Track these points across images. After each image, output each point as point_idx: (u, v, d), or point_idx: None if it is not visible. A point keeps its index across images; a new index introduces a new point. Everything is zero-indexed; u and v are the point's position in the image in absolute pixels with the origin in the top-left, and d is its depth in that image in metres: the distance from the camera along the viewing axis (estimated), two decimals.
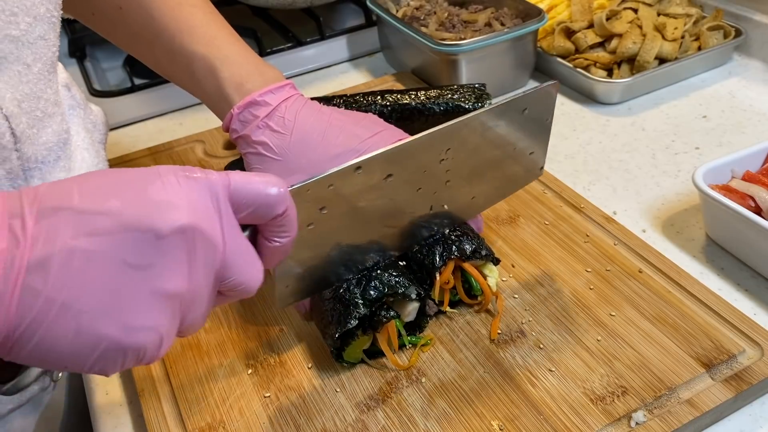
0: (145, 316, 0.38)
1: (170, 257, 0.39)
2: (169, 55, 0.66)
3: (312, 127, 0.62)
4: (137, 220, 0.38)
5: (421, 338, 0.62)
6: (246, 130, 0.62)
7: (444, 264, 0.62)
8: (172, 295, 0.39)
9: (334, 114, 0.64)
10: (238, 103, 0.62)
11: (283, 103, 0.63)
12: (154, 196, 0.39)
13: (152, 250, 0.38)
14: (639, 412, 0.55)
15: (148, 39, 0.66)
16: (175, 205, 0.39)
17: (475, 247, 0.63)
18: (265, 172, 0.62)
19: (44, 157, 0.57)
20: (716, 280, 0.68)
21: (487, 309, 0.64)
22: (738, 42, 0.99)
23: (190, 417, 0.58)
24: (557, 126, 0.92)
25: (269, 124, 0.62)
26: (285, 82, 0.65)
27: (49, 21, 0.55)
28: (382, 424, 0.56)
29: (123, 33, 0.69)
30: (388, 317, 0.59)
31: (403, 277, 0.60)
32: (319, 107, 0.64)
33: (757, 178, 0.69)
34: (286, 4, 1.12)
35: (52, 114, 0.57)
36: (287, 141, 0.62)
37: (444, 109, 0.87)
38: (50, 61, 0.56)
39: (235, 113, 0.63)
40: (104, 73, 1.15)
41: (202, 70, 0.64)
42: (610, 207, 0.78)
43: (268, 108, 0.62)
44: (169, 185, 0.39)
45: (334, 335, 0.58)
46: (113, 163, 0.89)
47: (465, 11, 1.04)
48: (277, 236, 0.45)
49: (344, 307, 0.58)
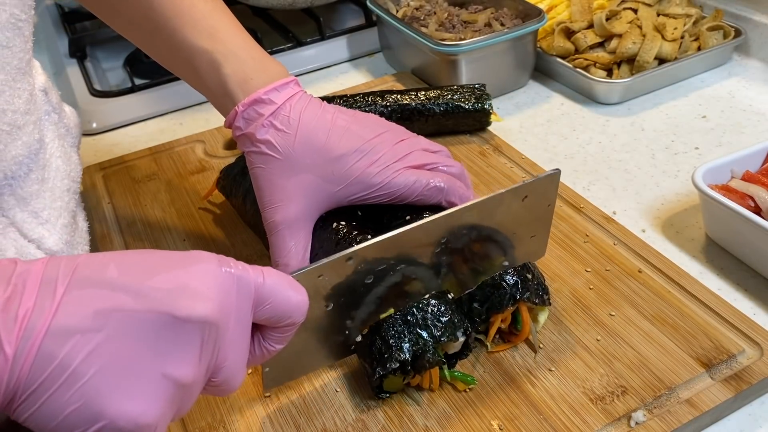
0: (149, 400, 0.38)
1: (186, 346, 0.39)
2: (170, 48, 0.64)
3: (316, 126, 0.62)
4: (163, 304, 0.38)
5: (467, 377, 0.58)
6: (250, 129, 0.61)
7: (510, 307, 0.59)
8: (178, 382, 0.39)
9: (338, 114, 0.64)
10: (242, 100, 0.61)
11: (287, 102, 0.62)
12: (185, 283, 0.39)
13: (171, 336, 0.38)
14: (639, 411, 0.55)
15: (149, 29, 0.64)
16: (203, 296, 0.39)
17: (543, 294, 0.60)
18: (268, 170, 0.62)
19: (14, 172, 0.55)
20: (716, 280, 0.68)
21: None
22: (738, 42, 0.99)
23: (190, 417, 0.58)
24: (557, 126, 0.92)
25: (274, 123, 0.61)
26: (289, 78, 0.63)
27: (14, 27, 0.53)
28: (382, 424, 0.56)
29: (123, 21, 0.67)
30: (433, 363, 0.55)
31: (451, 316, 0.57)
32: (323, 106, 0.64)
33: (757, 178, 0.70)
34: (286, 5, 1.12)
35: (21, 125, 0.54)
36: (291, 140, 0.61)
37: (444, 110, 0.87)
38: (16, 69, 0.53)
39: (239, 111, 0.61)
40: (104, 73, 1.15)
41: (205, 65, 0.62)
42: (610, 207, 0.78)
43: (273, 106, 0.61)
44: (203, 274, 0.40)
45: (373, 376, 0.55)
46: (113, 163, 0.89)
47: (465, 11, 1.04)
48: (275, 342, 0.46)
49: (386, 346, 0.55)
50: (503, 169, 0.82)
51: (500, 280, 0.59)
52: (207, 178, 0.85)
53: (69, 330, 0.36)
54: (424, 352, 0.55)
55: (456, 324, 0.57)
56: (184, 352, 0.39)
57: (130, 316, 0.37)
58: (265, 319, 0.44)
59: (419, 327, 0.56)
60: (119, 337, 0.37)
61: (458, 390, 0.58)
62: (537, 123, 0.94)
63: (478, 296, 0.59)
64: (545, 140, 0.90)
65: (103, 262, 0.39)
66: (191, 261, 0.40)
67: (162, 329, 0.38)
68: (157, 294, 0.38)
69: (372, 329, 0.56)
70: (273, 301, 0.43)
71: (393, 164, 0.62)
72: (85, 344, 0.36)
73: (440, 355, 0.56)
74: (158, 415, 0.38)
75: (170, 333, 0.38)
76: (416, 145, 0.65)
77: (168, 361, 0.38)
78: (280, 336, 0.46)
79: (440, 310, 0.57)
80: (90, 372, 0.36)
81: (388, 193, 0.62)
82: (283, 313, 0.44)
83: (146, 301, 0.38)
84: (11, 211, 0.56)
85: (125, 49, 1.15)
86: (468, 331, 0.58)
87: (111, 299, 0.37)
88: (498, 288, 0.59)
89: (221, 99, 0.63)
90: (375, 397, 0.57)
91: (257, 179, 0.63)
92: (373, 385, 0.56)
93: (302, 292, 0.45)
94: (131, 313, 0.37)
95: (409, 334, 0.55)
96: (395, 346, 0.55)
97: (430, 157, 0.64)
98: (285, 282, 0.44)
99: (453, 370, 0.58)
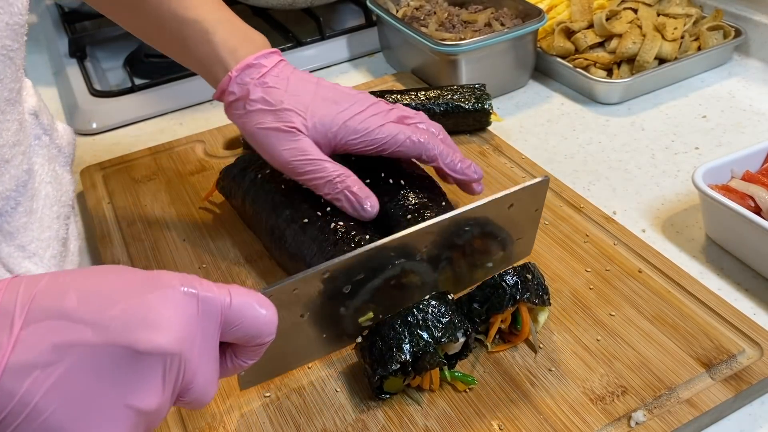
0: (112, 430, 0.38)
1: (148, 377, 0.38)
2: (156, 21, 0.65)
3: (304, 84, 0.66)
4: (122, 336, 0.37)
5: (467, 377, 0.58)
6: (244, 92, 0.64)
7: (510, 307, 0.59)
8: (142, 412, 0.39)
9: (321, 79, 0.69)
10: (234, 66, 0.64)
11: (274, 68, 0.66)
12: (145, 313, 0.38)
13: (131, 368, 0.38)
14: (639, 411, 0.55)
15: (135, 5, 0.65)
16: (164, 327, 0.38)
17: (543, 294, 0.60)
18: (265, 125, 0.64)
19: (1, 208, 0.54)
20: (716, 280, 0.68)
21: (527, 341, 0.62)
22: (738, 42, 0.99)
23: (190, 417, 0.58)
24: (557, 126, 0.92)
25: (265, 82, 0.64)
26: (273, 49, 0.67)
27: (5, 59, 0.52)
28: (382, 424, 0.56)
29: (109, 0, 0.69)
30: (433, 364, 0.55)
31: (452, 316, 0.57)
32: (308, 73, 0.68)
33: (757, 178, 0.70)
34: (286, 4, 1.12)
35: (9, 158, 0.54)
36: (282, 93, 0.64)
37: (444, 110, 0.87)
38: (5, 101, 0.53)
39: (233, 76, 0.64)
40: (104, 73, 1.15)
41: (194, 34, 0.64)
42: (610, 207, 0.78)
43: (263, 69, 0.65)
44: (164, 300, 0.39)
45: (374, 377, 0.55)
46: (113, 163, 0.89)
47: (465, 11, 1.04)
48: (247, 357, 0.46)
49: (387, 347, 0.55)
50: (503, 169, 0.82)
51: (500, 280, 0.59)
52: (207, 178, 0.85)
53: (27, 365, 0.35)
54: (424, 353, 0.55)
55: (456, 325, 0.57)
56: (146, 383, 0.38)
57: (90, 350, 0.37)
58: (236, 339, 0.43)
59: (420, 328, 0.56)
60: (79, 370, 0.36)
61: (458, 390, 0.58)
62: (537, 123, 0.93)
63: (478, 297, 0.59)
64: (545, 140, 0.90)
65: (63, 290, 0.38)
66: (152, 286, 0.39)
67: (122, 362, 0.37)
68: (117, 326, 0.37)
69: (372, 330, 0.57)
70: (242, 322, 0.42)
71: (376, 115, 0.66)
72: (44, 379, 0.36)
73: (441, 356, 0.56)
74: None
75: (131, 365, 0.38)
76: (396, 106, 0.70)
77: (130, 392, 0.38)
78: (251, 353, 0.45)
79: (440, 311, 0.57)
80: (51, 407, 0.36)
81: (372, 140, 0.66)
82: (253, 333, 0.43)
83: (106, 334, 0.37)
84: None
85: (125, 49, 1.15)
86: (468, 332, 0.58)
87: (70, 332, 0.36)
88: (498, 288, 0.59)
89: (212, 67, 0.65)
90: (375, 397, 0.57)
91: (258, 137, 0.65)
92: (373, 386, 0.56)
93: (272, 310, 0.44)
94: (90, 347, 0.37)
95: (409, 335, 0.55)
96: (396, 347, 0.55)
97: (410, 114, 0.69)
98: (253, 300, 0.43)
99: (453, 370, 0.58)
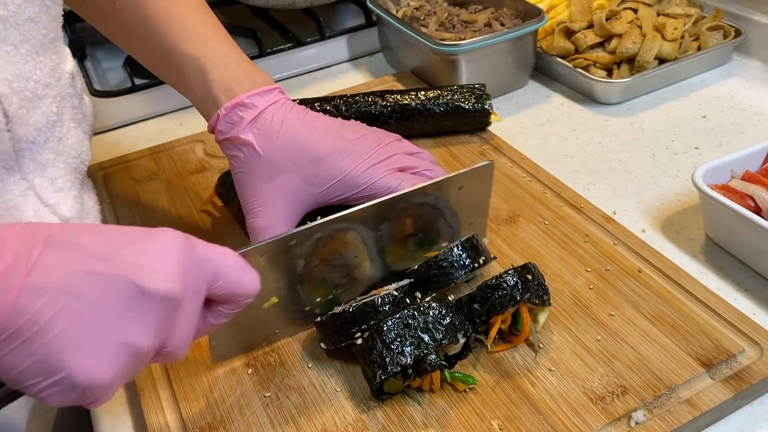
0: (106, 361, 0.41)
1: (146, 316, 0.41)
2: (160, 54, 0.66)
3: (299, 128, 0.63)
4: (129, 272, 0.41)
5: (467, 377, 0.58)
6: (232, 132, 0.63)
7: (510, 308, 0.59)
8: (135, 349, 0.41)
9: (320, 117, 0.65)
10: (225, 104, 0.63)
11: (270, 107, 0.63)
12: (153, 258, 0.42)
13: (133, 305, 0.41)
14: (639, 411, 0.55)
15: (141, 36, 0.66)
16: (169, 273, 0.42)
17: (543, 294, 0.60)
18: (250, 174, 0.63)
19: (34, 138, 0.58)
20: (716, 279, 0.68)
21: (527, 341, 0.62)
22: (738, 42, 0.99)
23: (190, 417, 0.58)
24: (557, 126, 0.92)
25: (256, 126, 0.62)
26: (273, 86, 0.65)
27: (41, 4, 0.56)
28: (382, 424, 0.56)
29: (116, 28, 0.69)
30: (434, 367, 0.55)
31: (452, 318, 0.57)
32: (305, 111, 0.65)
33: (757, 178, 0.70)
34: (286, 5, 1.12)
35: (42, 96, 0.58)
36: (273, 142, 0.62)
37: (444, 110, 0.87)
38: (40, 43, 0.57)
39: (222, 114, 0.63)
40: (104, 73, 1.15)
41: (192, 70, 0.64)
42: (610, 207, 0.78)
43: (255, 110, 0.62)
44: (170, 251, 0.43)
45: (374, 378, 0.55)
46: (113, 163, 0.89)
47: (465, 11, 1.04)
48: (220, 316, 0.49)
49: (387, 349, 0.55)
50: (503, 169, 0.82)
51: (500, 281, 0.59)
52: (207, 178, 0.85)
53: (42, 287, 0.39)
54: (426, 355, 0.55)
55: (457, 326, 0.57)
56: (145, 322, 0.41)
57: (99, 282, 0.40)
58: (218, 296, 0.47)
59: (421, 330, 0.56)
60: (87, 300, 0.40)
61: (458, 390, 0.58)
62: (537, 123, 0.94)
63: (478, 297, 0.59)
64: (545, 140, 0.90)
65: (78, 231, 0.42)
66: (159, 236, 0.43)
67: (127, 298, 0.41)
68: (126, 263, 0.41)
69: (373, 332, 0.56)
70: (227, 281, 0.46)
71: (377, 165, 0.62)
72: (55, 302, 0.39)
73: (441, 359, 0.56)
74: (113, 376, 0.41)
75: (133, 302, 0.41)
76: (399, 148, 0.65)
77: (128, 328, 0.41)
78: (225, 312, 0.48)
79: (441, 313, 0.57)
80: (57, 328, 0.39)
81: (371, 195, 0.62)
82: (235, 292, 0.47)
83: (116, 269, 0.40)
84: (30, 175, 0.59)
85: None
86: (468, 333, 0.58)
87: (83, 263, 0.40)
88: (498, 289, 0.59)
89: (206, 103, 0.65)
90: (375, 398, 0.57)
91: (240, 184, 0.64)
92: (373, 387, 0.56)
93: (255, 275, 0.48)
94: (100, 279, 0.40)
95: (410, 337, 0.55)
96: (397, 350, 0.55)
97: (413, 161, 0.65)
98: (240, 263, 0.47)
99: (453, 371, 0.58)
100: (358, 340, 0.58)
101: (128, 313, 0.41)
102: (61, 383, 0.40)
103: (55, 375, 0.40)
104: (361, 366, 0.58)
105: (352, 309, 0.58)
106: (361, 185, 0.62)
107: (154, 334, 0.42)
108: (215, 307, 0.48)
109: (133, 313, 0.41)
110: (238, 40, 1.10)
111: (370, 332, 0.57)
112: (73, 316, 0.39)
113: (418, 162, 0.65)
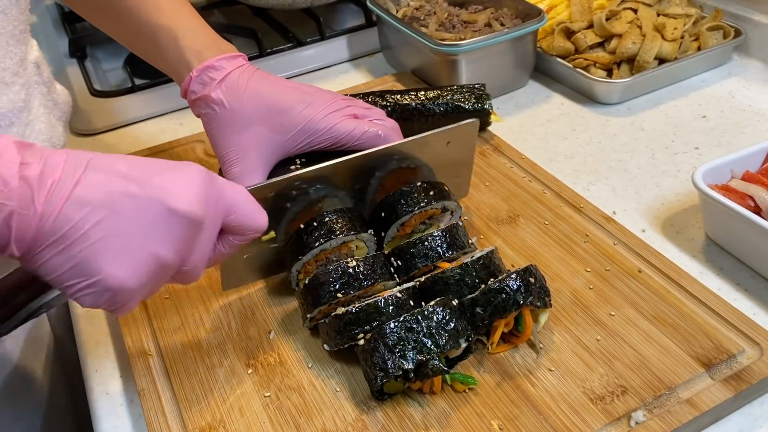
0: (135, 269, 0.47)
1: (172, 232, 0.48)
2: (135, 28, 0.72)
3: (263, 86, 0.70)
4: (160, 195, 0.48)
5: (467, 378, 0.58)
6: (204, 92, 0.69)
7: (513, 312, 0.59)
8: (161, 260, 0.48)
9: (281, 78, 0.73)
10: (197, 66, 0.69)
11: (237, 69, 0.70)
12: (181, 184, 0.49)
13: (162, 222, 0.48)
14: (639, 411, 0.55)
15: (117, 13, 0.73)
16: (194, 197, 0.49)
17: (545, 296, 0.60)
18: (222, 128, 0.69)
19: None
20: (715, 279, 0.68)
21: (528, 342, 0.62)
22: (737, 42, 0.99)
23: (190, 417, 0.58)
24: (557, 126, 0.92)
25: (224, 85, 0.69)
26: (239, 53, 0.72)
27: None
28: (382, 424, 0.56)
29: (94, 8, 0.76)
30: (436, 372, 0.55)
31: (456, 323, 0.57)
32: (268, 74, 0.72)
33: (757, 178, 0.70)
34: (286, 5, 1.12)
35: (9, 83, 0.62)
36: (241, 99, 0.69)
37: (444, 110, 0.87)
38: (9, 33, 0.62)
39: (194, 76, 0.69)
40: (105, 73, 1.15)
41: (165, 39, 0.71)
42: (610, 207, 0.78)
43: (223, 72, 0.69)
44: (195, 180, 0.50)
45: (375, 380, 0.55)
46: None
47: (465, 11, 1.04)
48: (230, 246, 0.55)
49: (389, 353, 0.55)
50: (503, 168, 0.82)
51: (503, 285, 0.58)
52: None
53: (85, 201, 0.45)
54: (428, 360, 0.55)
55: (460, 331, 0.57)
56: (170, 238, 0.48)
57: (134, 201, 0.47)
58: (231, 227, 0.54)
59: (424, 335, 0.55)
60: (122, 215, 0.46)
61: (458, 390, 0.58)
62: (537, 123, 0.94)
63: (481, 301, 0.59)
64: (545, 140, 0.90)
65: (114, 158, 0.48)
66: (188, 169, 0.50)
67: (157, 216, 0.47)
68: (157, 189, 0.48)
69: (375, 334, 0.56)
70: (239, 214, 0.54)
71: (334, 113, 0.69)
72: (95, 214, 0.45)
73: (444, 364, 0.56)
74: (140, 283, 0.48)
75: (163, 220, 0.48)
76: (353, 102, 0.73)
77: (156, 242, 0.48)
78: (235, 242, 0.55)
79: (444, 319, 0.56)
80: (96, 237, 0.45)
81: (331, 137, 0.69)
82: (246, 225, 0.55)
83: (148, 192, 0.47)
84: None
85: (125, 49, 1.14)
86: (470, 338, 0.58)
87: (120, 184, 0.47)
88: (501, 293, 0.58)
89: (178, 68, 0.71)
90: (375, 398, 0.57)
91: (214, 138, 0.71)
92: (373, 388, 0.56)
93: (263, 213, 0.56)
94: (135, 198, 0.47)
95: (413, 342, 0.55)
96: (399, 354, 0.55)
97: (366, 112, 0.72)
98: (252, 201, 0.55)
99: (453, 371, 0.58)
100: (361, 341, 0.58)
101: (156, 229, 0.47)
102: (95, 285, 0.46)
103: (91, 278, 0.46)
104: (363, 367, 0.58)
105: (355, 310, 0.58)
106: (321, 130, 0.69)
107: (177, 251, 0.49)
108: (226, 237, 0.55)
109: (161, 229, 0.48)
110: (238, 40, 1.11)
111: (373, 334, 0.56)
112: (110, 227, 0.46)
113: (370, 113, 0.73)
